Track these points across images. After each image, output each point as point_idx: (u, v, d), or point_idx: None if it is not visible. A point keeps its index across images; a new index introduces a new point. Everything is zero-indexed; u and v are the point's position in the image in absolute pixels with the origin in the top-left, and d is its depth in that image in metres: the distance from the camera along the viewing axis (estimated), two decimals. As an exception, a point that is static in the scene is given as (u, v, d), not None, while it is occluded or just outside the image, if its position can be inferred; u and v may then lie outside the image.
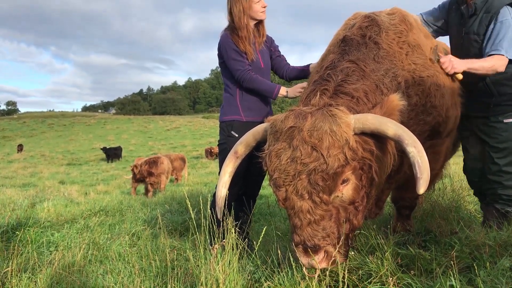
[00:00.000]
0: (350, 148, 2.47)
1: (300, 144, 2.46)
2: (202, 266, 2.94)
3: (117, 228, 5.72)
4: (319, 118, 2.49)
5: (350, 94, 2.84)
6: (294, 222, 2.56)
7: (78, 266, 3.77)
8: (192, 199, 6.88)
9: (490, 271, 2.77)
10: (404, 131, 2.52)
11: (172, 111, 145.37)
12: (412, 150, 2.49)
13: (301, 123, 2.51)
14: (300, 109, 2.63)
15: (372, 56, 3.15)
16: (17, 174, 23.19)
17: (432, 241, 3.60)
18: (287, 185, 2.50)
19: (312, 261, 2.55)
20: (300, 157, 2.45)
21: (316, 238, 2.51)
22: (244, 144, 3.00)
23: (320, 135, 2.44)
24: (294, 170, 2.46)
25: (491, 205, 3.74)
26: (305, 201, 2.49)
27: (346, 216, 2.63)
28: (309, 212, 2.49)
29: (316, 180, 2.43)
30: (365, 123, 2.52)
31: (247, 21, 4.06)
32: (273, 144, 2.62)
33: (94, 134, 60.02)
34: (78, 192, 12.29)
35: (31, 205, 8.30)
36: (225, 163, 3.07)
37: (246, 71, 4.06)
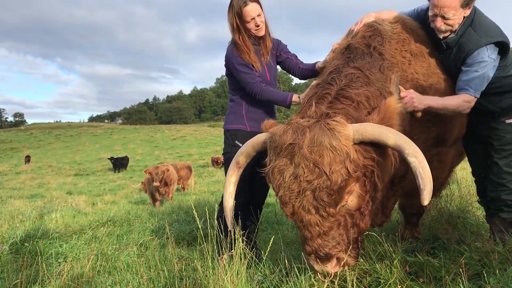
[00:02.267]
0: (351, 161, 2.47)
1: (301, 161, 2.46)
2: (211, 276, 2.95)
3: (125, 239, 5.73)
4: (318, 133, 2.48)
5: (351, 99, 2.83)
6: (304, 234, 2.59)
7: (87, 277, 3.77)
8: (199, 208, 6.89)
9: (500, 278, 2.75)
10: (404, 141, 2.51)
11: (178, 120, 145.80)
12: (414, 160, 2.48)
13: (300, 139, 2.50)
14: (297, 123, 2.62)
15: (377, 66, 3.14)
16: (25, 185, 23.29)
17: (440, 248, 3.58)
18: (293, 201, 2.52)
19: (325, 268, 2.61)
20: (303, 175, 2.45)
21: (327, 248, 2.56)
22: (245, 155, 3.03)
23: (321, 151, 2.44)
24: (298, 187, 2.47)
25: (496, 215, 3.69)
26: (312, 215, 2.51)
27: (353, 222, 2.66)
28: (317, 225, 2.52)
29: (321, 197, 2.45)
30: (364, 133, 2.51)
31: (242, 38, 4.04)
32: (274, 160, 2.62)
33: (100, 144, 60.25)
34: (85, 203, 12.32)
35: (39, 216, 8.34)
36: (229, 174, 3.11)
37: (257, 84, 4.06)
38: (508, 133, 3.55)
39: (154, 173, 12.92)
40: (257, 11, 3.95)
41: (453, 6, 3.18)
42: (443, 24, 3.29)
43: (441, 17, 3.26)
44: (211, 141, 55.72)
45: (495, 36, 3.31)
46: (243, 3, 3.90)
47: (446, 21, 3.26)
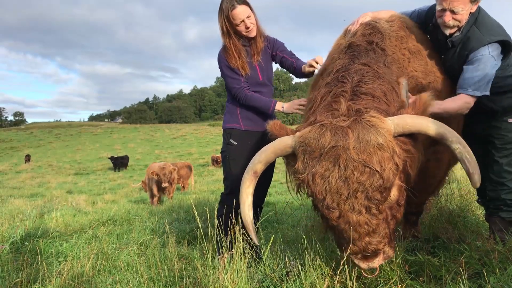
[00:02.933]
0: (398, 156, 2.46)
1: (349, 163, 2.39)
2: (211, 275, 2.95)
3: (125, 238, 5.73)
4: (361, 132, 2.43)
5: (370, 94, 2.79)
6: (350, 236, 2.52)
7: (87, 276, 3.77)
8: (199, 207, 6.91)
9: (500, 277, 2.75)
10: (446, 129, 2.52)
11: (178, 119, 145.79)
12: (458, 146, 2.50)
13: (343, 140, 2.43)
14: (332, 123, 2.53)
15: (382, 61, 3.14)
16: (25, 185, 23.29)
17: (440, 247, 3.59)
18: (342, 205, 2.45)
19: (372, 264, 2.60)
20: (353, 177, 2.38)
21: (375, 245, 2.53)
22: (264, 163, 2.84)
23: (369, 151, 2.39)
24: (348, 189, 2.41)
25: (495, 215, 3.69)
26: (362, 216, 2.46)
27: (392, 214, 2.66)
28: (366, 224, 2.48)
29: (374, 196, 2.42)
30: (405, 126, 2.51)
31: (231, 41, 4.04)
32: (312, 166, 2.50)
33: (101, 144, 60.24)
34: (85, 202, 12.31)
35: (39, 216, 8.33)
36: (245, 184, 2.87)
37: (241, 89, 4.10)
38: (510, 132, 3.56)
39: (162, 174, 12.51)
40: (246, 13, 3.93)
41: (462, 0, 3.19)
42: (451, 19, 3.29)
43: (450, 11, 3.26)
44: (211, 140, 55.73)
45: (498, 35, 3.32)
46: (231, 6, 3.88)
47: (455, 15, 3.27)
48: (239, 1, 3.90)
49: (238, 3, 3.89)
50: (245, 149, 4.16)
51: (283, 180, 17.26)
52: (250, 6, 3.97)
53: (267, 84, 4.28)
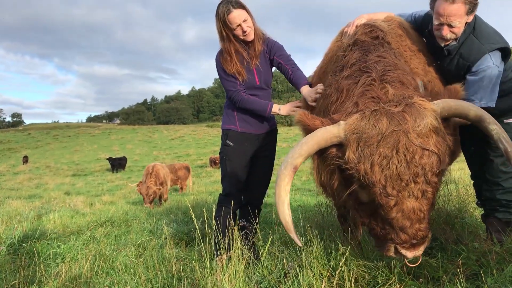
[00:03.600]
0: (447, 137, 2.50)
1: (410, 147, 2.34)
2: (209, 276, 2.95)
3: (123, 239, 5.72)
4: (418, 116, 2.41)
5: (400, 81, 2.77)
6: (402, 223, 2.45)
7: (85, 278, 3.77)
8: (197, 208, 6.91)
9: (497, 278, 2.76)
10: (484, 112, 2.55)
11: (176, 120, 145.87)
12: (495, 127, 2.52)
13: (403, 124, 2.38)
14: (386, 109, 2.47)
15: (393, 54, 3.12)
16: (22, 186, 23.26)
17: (438, 248, 3.59)
18: (402, 191, 2.39)
19: (418, 252, 2.56)
20: (414, 161, 2.34)
21: (424, 231, 2.49)
22: (305, 156, 2.61)
23: (427, 133, 2.39)
24: (409, 174, 2.35)
25: (492, 215, 3.69)
26: (417, 201, 2.42)
27: (434, 199, 2.61)
28: (420, 210, 2.44)
29: (432, 179, 2.40)
30: (450, 109, 2.54)
31: (228, 46, 4.02)
32: (369, 153, 2.38)
33: (99, 145, 60.19)
34: (83, 203, 12.29)
35: (37, 217, 8.32)
36: (284, 181, 2.61)
37: (238, 92, 4.09)
38: (506, 132, 3.56)
39: (145, 194, 12.90)
40: (242, 17, 3.89)
41: (459, 14, 3.18)
42: (449, 32, 3.30)
43: (447, 25, 3.26)
44: (209, 141, 55.73)
45: (497, 42, 3.32)
46: (227, 10, 3.85)
47: (452, 29, 3.27)
48: (236, 5, 3.86)
49: (234, 7, 3.85)
50: (241, 150, 4.17)
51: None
52: (247, 10, 3.94)
53: (264, 87, 4.25)
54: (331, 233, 3.82)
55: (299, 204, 8.72)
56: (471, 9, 3.20)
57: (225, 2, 3.88)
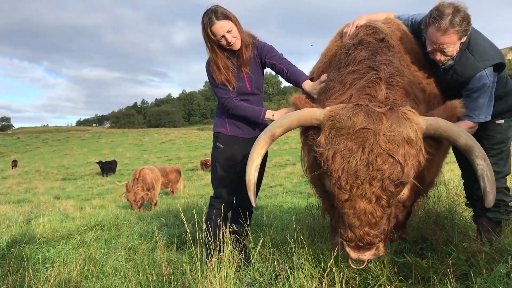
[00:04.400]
0: (423, 155, 2.46)
1: (375, 149, 2.37)
2: (199, 279, 2.94)
3: (113, 243, 5.69)
4: (396, 122, 2.41)
5: (404, 89, 2.80)
6: (351, 221, 2.49)
7: (75, 282, 3.74)
8: (188, 211, 6.87)
9: (487, 278, 2.77)
10: (475, 143, 2.49)
11: (167, 124, 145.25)
12: (482, 163, 2.46)
13: (375, 125, 2.40)
14: (368, 106, 2.50)
15: (398, 60, 3.13)
16: (11, 190, 23.05)
17: (428, 249, 3.61)
18: (355, 188, 2.42)
19: (362, 256, 2.57)
20: (375, 163, 2.36)
21: (372, 237, 2.51)
22: (285, 128, 2.78)
23: (397, 142, 2.38)
24: (366, 174, 2.38)
25: (483, 215, 3.72)
26: (370, 205, 2.44)
27: (396, 213, 2.65)
28: (371, 214, 2.46)
29: (389, 188, 2.39)
30: (437, 129, 2.50)
31: (215, 56, 4.00)
32: (336, 142, 2.46)
33: (88, 148, 59.79)
34: (73, 207, 12.22)
35: (26, 221, 8.24)
36: (259, 145, 2.82)
37: (230, 99, 4.07)
38: (498, 132, 3.60)
39: (132, 201, 12.92)
40: (226, 27, 3.85)
41: (452, 42, 3.20)
42: (443, 56, 3.32)
43: (440, 51, 3.28)
44: (200, 144, 55.63)
45: (492, 58, 3.34)
46: (210, 22, 3.83)
47: (446, 53, 3.29)
48: (220, 16, 3.83)
49: (217, 18, 3.82)
50: (230, 153, 4.16)
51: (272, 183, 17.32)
52: (231, 19, 3.90)
53: (255, 92, 4.24)
54: (322, 234, 3.83)
55: (291, 206, 8.73)
56: (463, 35, 3.21)
57: (208, 12, 3.86)
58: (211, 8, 3.86)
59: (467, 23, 3.16)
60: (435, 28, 3.15)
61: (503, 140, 3.64)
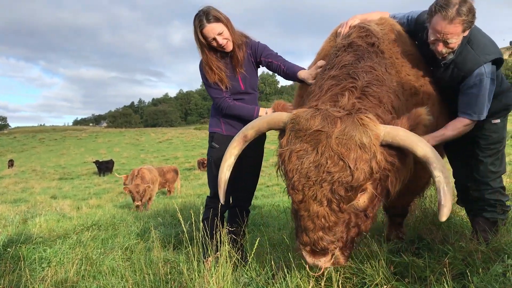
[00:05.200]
0: (376, 162, 2.44)
1: (326, 151, 2.39)
2: (196, 279, 2.93)
3: (110, 243, 5.68)
4: (350, 126, 2.42)
5: (378, 99, 2.80)
6: (306, 224, 2.52)
7: (71, 282, 3.73)
8: (185, 211, 6.87)
9: (483, 277, 2.78)
10: (434, 154, 2.46)
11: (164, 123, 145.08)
12: (439, 175, 2.43)
13: (329, 128, 2.44)
14: (327, 111, 2.53)
15: (384, 66, 3.14)
16: (8, 190, 22.94)
17: (425, 248, 3.62)
18: (306, 189, 2.44)
19: (317, 262, 2.56)
20: (325, 165, 2.38)
21: (326, 242, 2.51)
22: (256, 130, 2.93)
23: (349, 146, 2.39)
24: (317, 176, 2.40)
25: (479, 215, 3.73)
26: (322, 207, 2.45)
27: (356, 222, 2.62)
28: (324, 218, 2.47)
29: (338, 191, 2.39)
30: (395, 138, 2.47)
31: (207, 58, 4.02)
32: (293, 143, 2.53)
33: (85, 148, 59.63)
34: (70, 207, 12.17)
35: (22, 221, 8.22)
36: (232, 145, 2.99)
37: (223, 99, 4.10)
38: (494, 132, 3.61)
39: (135, 192, 12.22)
40: (217, 30, 3.87)
41: (457, 33, 3.18)
42: (444, 48, 3.30)
43: (443, 42, 3.27)
44: (197, 144, 55.53)
45: (492, 53, 3.34)
46: (200, 25, 3.86)
47: (448, 45, 3.27)
48: (211, 18, 3.85)
49: (208, 21, 3.84)
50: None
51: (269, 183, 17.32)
52: (222, 21, 3.91)
53: (250, 92, 4.25)
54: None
55: (288, 206, 8.73)
56: (468, 27, 3.20)
57: (200, 15, 3.88)
58: (203, 10, 3.88)
59: (472, 15, 3.15)
60: (441, 16, 3.13)
61: (499, 140, 3.65)
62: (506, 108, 3.67)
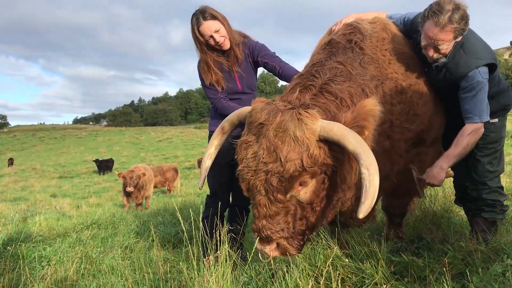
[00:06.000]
0: (309, 155, 2.49)
1: (264, 142, 2.54)
2: (196, 278, 2.93)
3: (110, 241, 5.68)
4: (286, 119, 2.53)
5: (335, 94, 2.87)
6: (254, 212, 2.70)
7: (71, 280, 3.74)
8: (185, 210, 6.87)
9: (482, 277, 2.78)
10: (363, 150, 2.45)
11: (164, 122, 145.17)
12: (365, 172, 2.43)
13: (270, 120, 2.57)
14: (274, 105, 2.67)
15: (358, 61, 3.18)
16: (8, 188, 22.93)
17: (425, 248, 3.62)
18: (249, 178, 2.60)
19: (264, 249, 2.70)
20: (261, 155, 2.53)
21: (269, 231, 2.64)
22: (229, 122, 3.11)
23: (284, 138, 2.50)
24: (256, 166, 2.55)
25: (478, 216, 3.73)
26: (262, 196, 2.59)
27: (303, 214, 2.73)
28: (265, 207, 2.61)
29: (271, 181, 2.52)
30: (329, 132, 2.51)
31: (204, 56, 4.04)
32: (245, 134, 2.73)
33: (85, 147, 59.64)
34: (70, 206, 12.17)
35: (22, 220, 8.23)
36: (212, 137, 3.23)
37: (219, 100, 4.13)
38: (491, 132, 3.60)
39: (129, 177, 11.85)
40: (213, 27, 3.89)
41: (448, 39, 3.18)
42: (435, 54, 3.31)
43: (434, 48, 3.27)
44: (197, 143, 55.52)
45: (484, 58, 3.33)
46: (197, 22, 3.88)
47: (439, 51, 3.27)
48: (207, 16, 3.87)
49: (205, 19, 3.87)
50: (225, 152, 4.16)
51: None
52: (219, 19, 3.92)
53: (247, 92, 4.26)
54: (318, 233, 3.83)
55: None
56: (460, 34, 3.20)
57: (197, 13, 3.91)
58: (199, 9, 3.91)
59: (465, 23, 3.14)
60: (433, 22, 3.13)
61: (497, 140, 3.64)
62: (504, 108, 3.67)
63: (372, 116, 2.62)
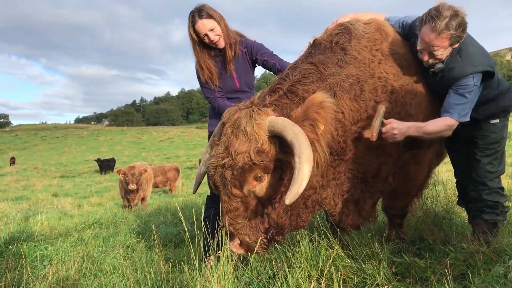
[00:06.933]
0: (258, 149, 2.62)
1: (223, 140, 2.71)
2: (197, 278, 2.93)
3: (111, 241, 5.68)
4: (241, 117, 2.69)
5: (297, 95, 2.97)
6: (221, 207, 2.84)
7: (72, 280, 3.74)
8: (186, 210, 6.88)
9: (484, 278, 2.78)
10: (298, 141, 2.54)
11: (166, 122, 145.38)
12: (296, 160, 2.53)
13: (229, 119, 2.75)
14: (240, 107, 2.83)
15: (335, 61, 3.22)
16: (9, 187, 22.97)
17: (426, 249, 3.61)
18: (212, 175, 2.76)
19: (231, 243, 2.85)
20: (219, 151, 2.70)
21: (232, 227, 2.79)
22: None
23: (237, 134, 2.65)
24: (216, 162, 2.71)
25: (479, 217, 3.72)
26: (222, 192, 2.76)
27: (263, 211, 2.83)
28: (226, 202, 2.76)
29: (225, 174, 2.66)
30: (274, 126, 2.63)
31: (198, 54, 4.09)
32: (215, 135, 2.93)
33: (87, 146, 59.73)
34: (71, 205, 12.19)
35: (24, 219, 8.24)
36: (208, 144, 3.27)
37: (215, 99, 4.18)
38: (492, 132, 3.60)
39: (130, 174, 11.03)
40: (208, 26, 3.95)
41: (443, 46, 3.18)
42: (431, 59, 3.31)
43: (429, 53, 3.27)
44: (199, 143, 55.54)
45: (480, 65, 3.33)
46: (192, 21, 3.95)
47: (435, 56, 3.27)
48: (203, 14, 3.93)
49: (200, 17, 3.93)
50: None
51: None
52: (214, 17, 3.97)
53: (245, 90, 4.28)
54: (320, 234, 3.83)
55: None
56: (456, 41, 3.20)
57: (193, 11, 3.97)
58: (196, 7, 3.98)
59: (462, 30, 3.14)
60: (429, 27, 3.12)
61: (497, 140, 3.64)
62: (505, 110, 3.66)
63: (321, 108, 2.70)
